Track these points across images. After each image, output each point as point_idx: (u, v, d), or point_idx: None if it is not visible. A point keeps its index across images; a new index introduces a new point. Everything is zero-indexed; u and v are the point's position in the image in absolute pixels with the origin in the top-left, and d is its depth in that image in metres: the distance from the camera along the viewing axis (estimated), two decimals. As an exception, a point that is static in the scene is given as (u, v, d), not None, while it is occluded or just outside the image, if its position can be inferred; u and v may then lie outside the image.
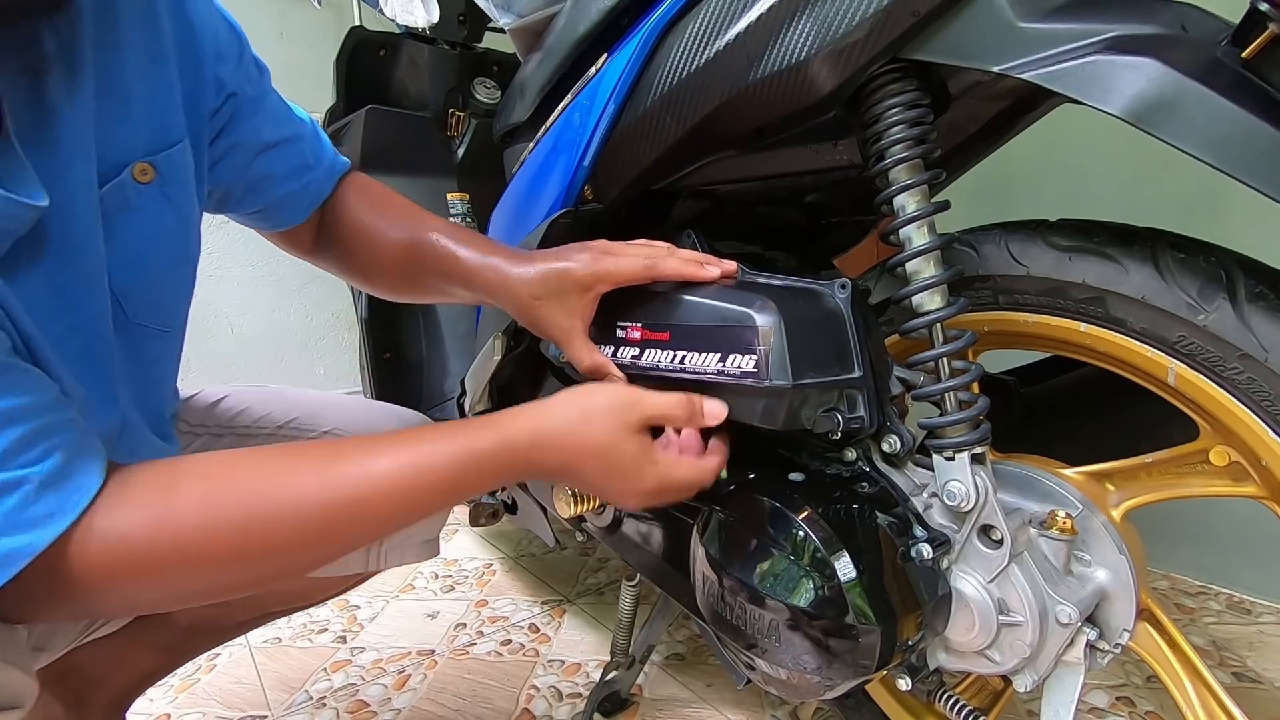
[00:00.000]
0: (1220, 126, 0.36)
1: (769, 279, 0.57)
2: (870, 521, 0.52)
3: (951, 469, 0.51)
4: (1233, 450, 0.48)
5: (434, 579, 1.38)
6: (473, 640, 1.14)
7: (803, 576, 0.49)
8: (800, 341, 0.50)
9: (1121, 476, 0.53)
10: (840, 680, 0.51)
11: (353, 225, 0.68)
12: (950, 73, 0.51)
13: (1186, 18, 0.41)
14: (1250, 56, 0.37)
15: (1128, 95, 0.38)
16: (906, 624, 0.50)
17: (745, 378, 0.51)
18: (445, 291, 0.66)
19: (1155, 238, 0.48)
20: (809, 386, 0.50)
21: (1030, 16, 0.42)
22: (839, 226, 0.83)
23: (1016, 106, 0.61)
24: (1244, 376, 0.44)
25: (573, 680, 1.01)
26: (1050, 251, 0.50)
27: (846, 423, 0.52)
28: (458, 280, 0.63)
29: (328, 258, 0.71)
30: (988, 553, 0.51)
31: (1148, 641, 0.54)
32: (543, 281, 0.58)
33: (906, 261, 0.51)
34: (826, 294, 0.54)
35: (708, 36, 0.53)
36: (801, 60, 0.48)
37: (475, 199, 1.27)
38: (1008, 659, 0.52)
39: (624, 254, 0.59)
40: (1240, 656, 0.99)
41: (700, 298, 0.56)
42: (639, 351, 0.59)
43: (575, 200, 0.68)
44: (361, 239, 0.68)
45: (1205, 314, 0.44)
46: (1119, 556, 0.51)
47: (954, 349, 0.51)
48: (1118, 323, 0.48)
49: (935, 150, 0.51)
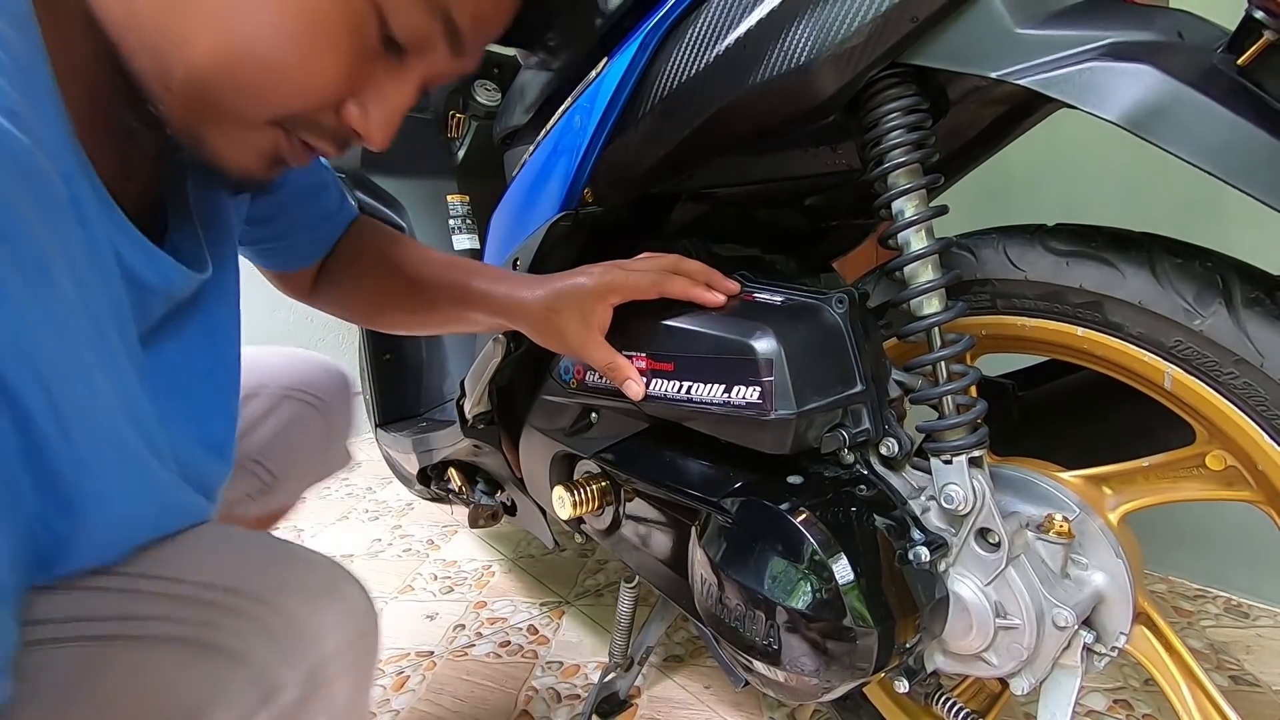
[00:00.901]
0: (1216, 133, 0.36)
1: (768, 295, 0.58)
2: (868, 524, 0.52)
3: (949, 472, 0.51)
4: (1229, 455, 0.48)
5: (433, 580, 1.38)
6: (471, 641, 1.14)
7: (801, 579, 0.49)
8: (802, 367, 0.51)
9: (1118, 480, 0.53)
10: (838, 682, 0.51)
11: (359, 267, 0.70)
12: (949, 78, 0.51)
13: (1183, 25, 0.42)
14: (1246, 63, 0.37)
15: (1124, 102, 0.39)
16: (904, 626, 0.50)
17: (750, 409, 0.52)
18: (458, 320, 0.68)
19: (1152, 243, 0.48)
20: (814, 410, 0.51)
21: (1028, 23, 0.42)
22: (838, 230, 0.83)
23: (1014, 112, 0.62)
24: (1240, 381, 0.44)
25: (571, 682, 1.01)
26: (1048, 256, 0.51)
27: (852, 438, 0.53)
28: (473, 307, 0.65)
29: (329, 299, 0.72)
30: (985, 556, 0.51)
31: (1144, 645, 0.54)
32: (557, 295, 0.61)
33: (905, 265, 0.52)
34: (825, 310, 0.54)
35: (708, 40, 0.54)
36: (801, 65, 0.48)
37: (475, 201, 1.27)
38: (1005, 662, 0.52)
39: (634, 268, 0.61)
40: (1238, 659, 1.00)
41: (701, 326, 0.57)
42: (646, 381, 0.60)
43: (576, 203, 0.69)
44: (366, 280, 0.70)
45: (1201, 319, 0.44)
46: (1116, 560, 0.52)
47: (952, 353, 0.51)
48: (1115, 327, 0.48)
49: (934, 155, 0.51)
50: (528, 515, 1.01)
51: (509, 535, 1.56)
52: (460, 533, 1.62)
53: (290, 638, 0.41)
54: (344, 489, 2.04)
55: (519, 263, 0.75)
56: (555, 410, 0.77)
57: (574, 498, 0.70)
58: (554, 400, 0.76)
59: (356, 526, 1.72)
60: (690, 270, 0.60)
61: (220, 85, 0.37)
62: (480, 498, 1.09)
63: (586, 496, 0.70)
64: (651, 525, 0.70)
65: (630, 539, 0.73)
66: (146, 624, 0.38)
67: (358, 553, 1.55)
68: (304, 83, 0.39)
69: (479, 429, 0.91)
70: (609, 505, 0.72)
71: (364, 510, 1.83)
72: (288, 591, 0.42)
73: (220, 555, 0.43)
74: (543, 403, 0.78)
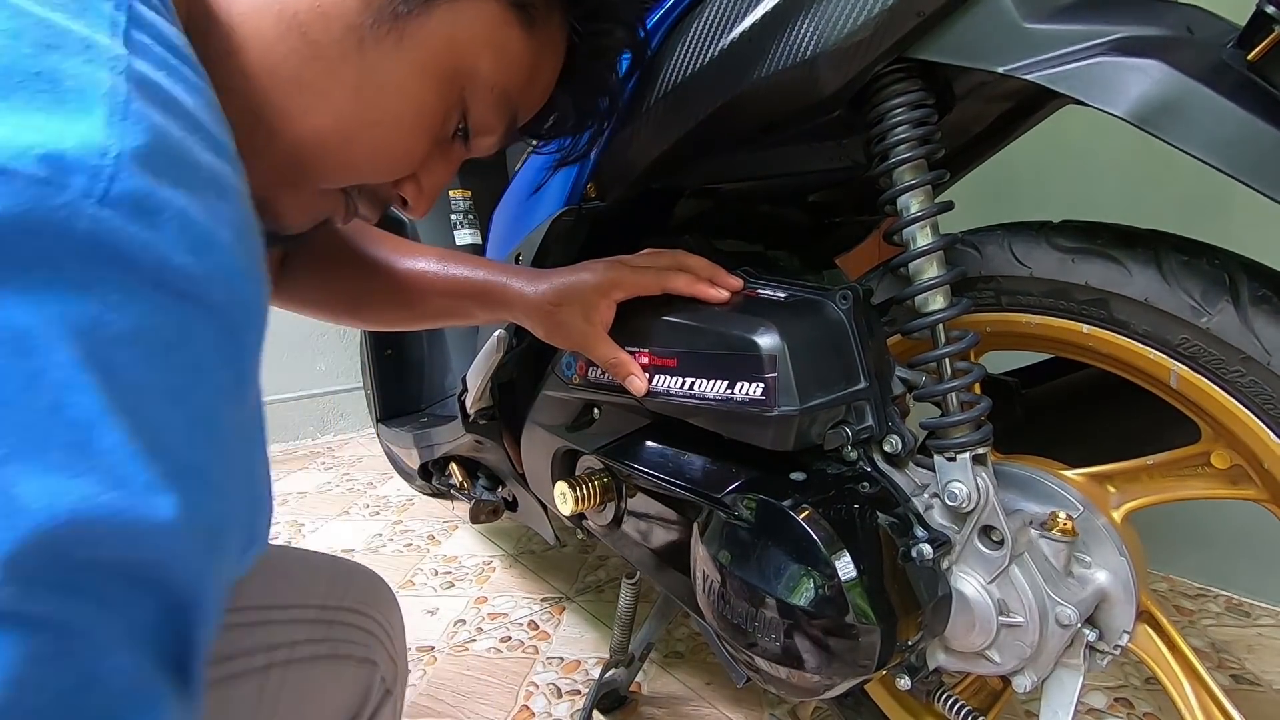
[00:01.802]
0: (1225, 129, 0.36)
1: (771, 291, 0.57)
2: (871, 521, 0.52)
3: (953, 469, 0.51)
4: (1234, 453, 0.48)
5: (434, 575, 1.38)
6: (472, 637, 1.14)
7: (803, 575, 0.49)
8: (805, 363, 0.51)
9: (1123, 478, 0.53)
10: (840, 679, 0.51)
11: (329, 260, 0.65)
12: (955, 73, 0.50)
13: (1192, 20, 0.41)
14: (1256, 59, 0.36)
15: (1133, 97, 0.38)
16: (906, 624, 0.50)
17: (753, 405, 0.52)
18: (452, 312, 0.66)
19: (1159, 240, 0.47)
20: (817, 407, 0.51)
21: (1036, 17, 0.42)
22: (841, 226, 0.83)
23: (1020, 108, 0.61)
24: (1246, 379, 0.44)
25: (572, 677, 1.01)
26: (1053, 253, 0.50)
27: (855, 435, 0.53)
28: (473, 300, 0.64)
29: (296, 296, 0.65)
30: (988, 553, 0.51)
31: (1147, 643, 0.54)
32: (560, 291, 0.61)
33: (909, 262, 0.51)
34: (829, 306, 0.54)
35: (713, 34, 0.53)
36: (806, 59, 0.48)
37: (477, 196, 1.27)
38: (1007, 660, 0.52)
39: (637, 264, 0.61)
40: (1239, 659, 0.99)
41: (705, 322, 0.57)
42: (649, 377, 0.60)
43: (579, 198, 0.68)
44: (344, 270, 0.65)
45: (1208, 316, 0.44)
46: (1120, 558, 0.51)
47: (956, 350, 0.51)
48: (1120, 324, 0.48)
49: (939, 151, 0.51)
50: (529, 511, 1.01)
51: (510, 531, 1.56)
52: (461, 528, 1.62)
53: (389, 640, 0.54)
54: (345, 484, 2.04)
55: (521, 258, 0.75)
56: (557, 406, 0.77)
57: (576, 493, 0.70)
58: (556, 396, 0.76)
59: (357, 522, 1.72)
60: (694, 266, 0.60)
61: (321, 156, 0.38)
62: (481, 493, 1.09)
63: (588, 492, 0.70)
64: (653, 521, 0.70)
65: (631, 535, 0.72)
66: (296, 648, 0.47)
67: (358, 548, 1.55)
68: (395, 163, 0.41)
69: (481, 424, 0.91)
70: (610, 501, 0.72)
71: (364, 505, 1.84)
72: (372, 602, 0.54)
73: (299, 577, 0.52)
74: (545, 398, 0.78)
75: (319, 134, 0.38)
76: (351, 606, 0.52)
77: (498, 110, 0.44)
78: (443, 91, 0.40)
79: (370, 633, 0.53)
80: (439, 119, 0.41)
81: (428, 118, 0.41)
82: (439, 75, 0.40)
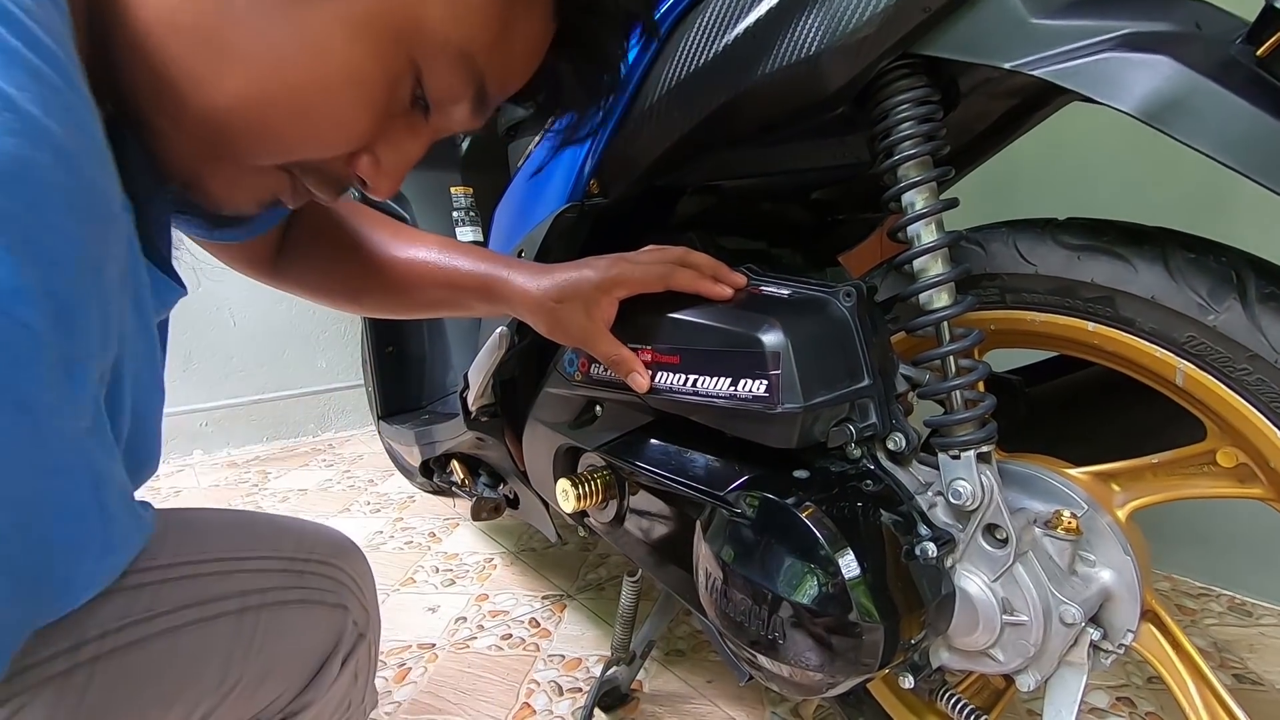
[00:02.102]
0: (1234, 125, 0.36)
1: (775, 288, 0.57)
2: (875, 519, 0.52)
3: (957, 467, 0.51)
4: (1240, 451, 0.48)
5: (435, 573, 1.38)
6: (473, 634, 1.14)
7: (806, 573, 0.49)
8: (809, 361, 0.51)
9: (1127, 477, 0.53)
10: (843, 678, 0.51)
11: (326, 241, 0.64)
12: (960, 69, 0.50)
13: (1200, 15, 0.41)
14: (1265, 55, 0.36)
15: (1141, 93, 0.38)
16: (910, 622, 0.50)
17: (757, 402, 0.52)
18: (452, 304, 0.66)
19: (1165, 237, 0.47)
20: (821, 405, 0.51)
21: (1042, 13, 0.42)
22: (845, 223, 0.82)
23: (1026, 104, 0.61)
24: (1253, 378, 0.43)
25: (573, 675, 1.01)
26: (1059, 250, 0.50)
27: (859, 432, 0.53)
28: (470, 292, 0.64)
29: (294, 278, 0.65)
30: (992, 552, 0.51)
31: (1151, 642, 0.54)
32: (562, 287, 0.60)
33: (914, 259, 0.51)
34: (833, 303, 0.54)
35: (717, 30, 0.53)
36: (811, 55, 0.48)
37: (479, 193, 1.27)
38: (1011, 658, 0.52)
39: (640, 261, 0.60)
40: (1241, 658, 0.99)
41: (708, 319, 0.56)
42: (651, 374, 0.60)
43: (581, 194, 0.68)
44: (341, 254, 0.65)
45: (1215, 314, 0.44)
46: (1124, 557, 0.51)
47: (960, 347, 0.50)
48: (1126, 322, 0.48)
49: (944, 147, 0.51)
50: (530, 508, 1.01)
51: (511, 528, 1.56)
52: (462, 526, 1.62)
53: (359, 591, 0.57)
54: (346, 481, 2.05)
55: (523, 254, 0.75)
56: (559, 403, 0.77)
57: (578, 491, 0.70)
58: (558, 393, 0.75)
59: (358, 519, 1.72)
60: (697, 263, 0.60)
61: (240, 128, 0.35)
62: (483, 490, 1.09)
63: (590, 490, 0.70)
64: (655, 519, 0.70)
65: (634, 533, 0.72)
66: (268, 594, 0.49)
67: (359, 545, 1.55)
68: (330, 135, 0.37)
69: (482, 421, 0.90)
70: (612, 499, 0.72)
71: (365, 503, 1.84)
72: (340, 555, 0.57)
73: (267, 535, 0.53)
74: (547, 395, 0.78)
75: (233, 100, 0.34)
76: (320, 559, 0.54)
77: (457, 72, 0.38)
78: (381, 50, 0.35)
79: (340, 581, 0.55)
80: (382, 84, 0.37)
81: (366, 83, 0.36)
82: (373, 30, 0.34)
